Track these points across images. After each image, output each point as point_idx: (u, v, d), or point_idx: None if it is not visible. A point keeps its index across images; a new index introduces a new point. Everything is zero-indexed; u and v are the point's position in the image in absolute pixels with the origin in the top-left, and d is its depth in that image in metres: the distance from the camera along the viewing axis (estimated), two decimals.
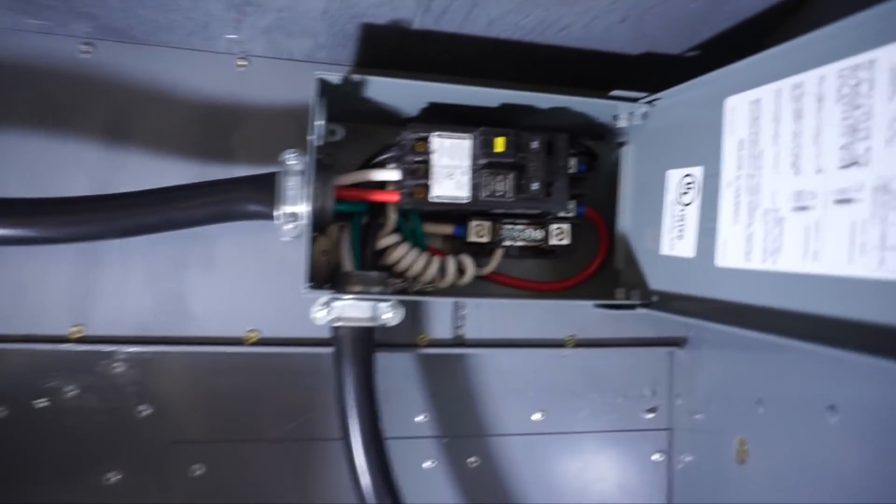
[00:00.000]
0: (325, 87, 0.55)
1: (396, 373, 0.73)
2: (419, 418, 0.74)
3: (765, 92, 0.46)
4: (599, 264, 0.71)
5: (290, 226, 0.57)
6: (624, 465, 0.81)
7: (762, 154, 0.46)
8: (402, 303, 0.59)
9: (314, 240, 0.64)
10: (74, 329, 0.63)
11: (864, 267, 0.38)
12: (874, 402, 0.49)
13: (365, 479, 0.59)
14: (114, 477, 0.66)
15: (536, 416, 0.78)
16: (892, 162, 0.36)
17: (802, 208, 0.42)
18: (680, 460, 0.81)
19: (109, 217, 0.55)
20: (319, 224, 0.58)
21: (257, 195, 0.58)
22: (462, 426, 0.75)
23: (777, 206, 0.45)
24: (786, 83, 0.44)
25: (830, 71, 0.40)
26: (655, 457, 0.82)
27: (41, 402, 0.65)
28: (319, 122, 0.50)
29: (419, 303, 0.70)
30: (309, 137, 0.53)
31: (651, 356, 0.80)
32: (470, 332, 0.72)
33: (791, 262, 0.43)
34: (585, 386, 0.79)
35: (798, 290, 0.43)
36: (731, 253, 0.49)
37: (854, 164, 0.39)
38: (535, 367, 0.77)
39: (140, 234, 0.57)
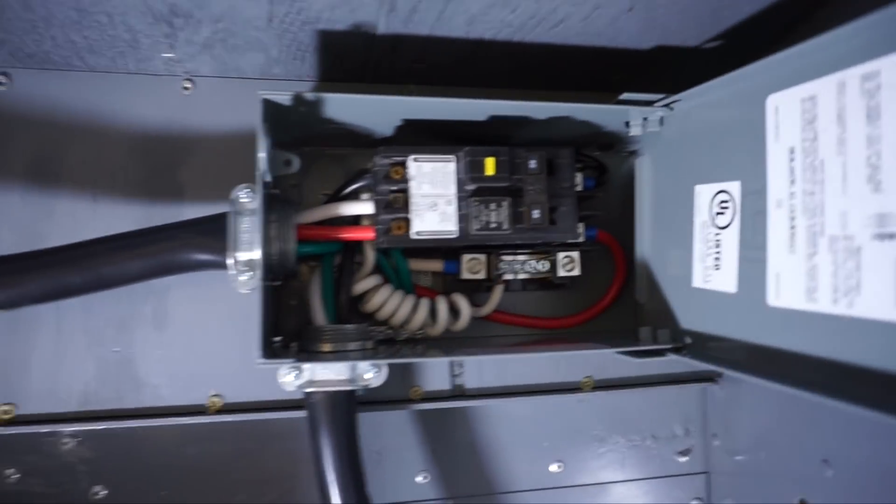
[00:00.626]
0: (273, 110, 0.45)
1: (389, 431, 0.63)
2: (419, 479, 0.65)
3: (822, 86, 0.36)
4: (616, 295, 0.61)
5: (246, 276, 0.48)
6: None
7: (824, 165, 0.36)
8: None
9: (278, 289, 0.55)
10: (4, 408, 0.54)
11: None
12: None
13: None
14: None
15: (554, 468, 0.68)
16: None
17: (888, 236, 0.32)
18: None
19: (19, 281, 0.45)
20: (281, 271, 0.49)
21: (205, 241, 0.48)
22: (469, 485, 0.66)
23: (850, 232, 0.34)
24: (853, 73, 0.34)
25: None
26: None
27: None
28: (262, 155, 0.41)
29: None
30: (257, 172, 0.44)
31: (682, 392, 0.70)
32: (470, 382, 0.62)
33: (875, 305, 0.33)
34: (608, 429, 0.69)
35: (884, 343, 0.33)
36: (788, 290, 0.39)
37: None
38: (548, 414, 0.67)
39: (63, 298, 0.47)
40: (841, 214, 0.35)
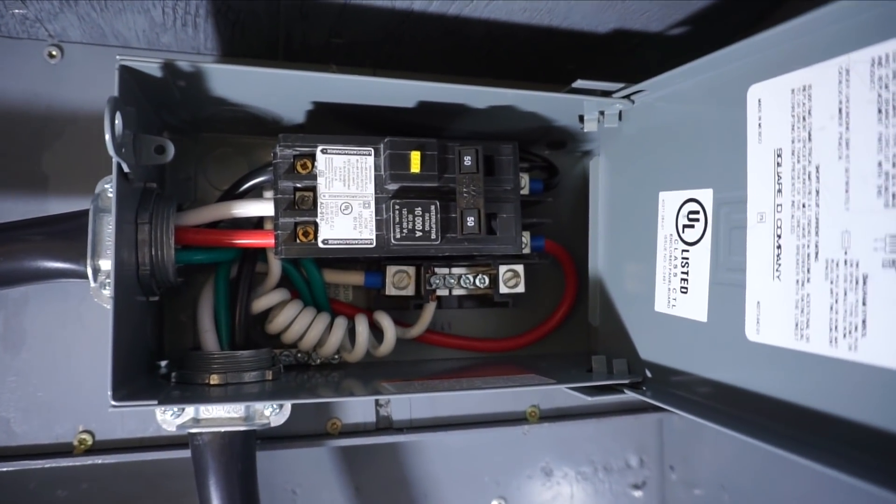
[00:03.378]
0: (143, 83, 0.36)
1: (305, 468, 0.55)
2: None
3: (820, 73, 0.29)
4: (565, 314, 0.53)
5: (111, 289, 0.38)
6: None
7: (820, 171, 0.29)
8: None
9: (159, 305, 0.45)
10: None
11: None
12: None
13: None
14: None
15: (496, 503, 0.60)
16: None
17: None
18: None
19: None
20: (158, 283, 0.39)
21: (60, 244, 0.39)
22: None
23: (854, 255, 0.27)
24: (859, 57, 0.27)
25: None
26: None
27: None
28: (108, 136, 0.31)
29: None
30: (112, 159, 0.34)
31: (637, 422, 0.63)
32: (398, 413, 0.53)
33: (884, 350, 0.26)
34: (555, 461, 0.62)
35: (894, 397, 0.26)
36: (772, 324, 0.32)
37: None
38: (489, 447, 0.60)
39: None
40: (842, 234, 0.28)
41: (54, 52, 0.47)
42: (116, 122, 0.33)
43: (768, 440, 0.30)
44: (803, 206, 0.30)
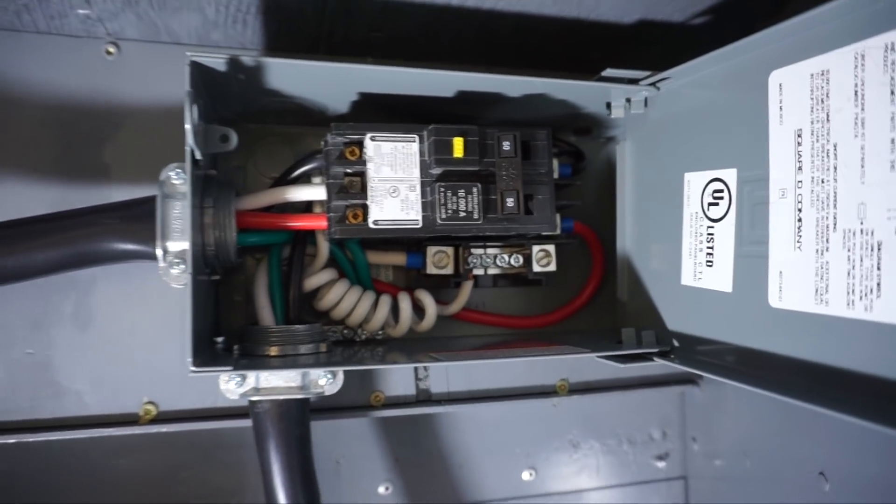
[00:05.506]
0: (207, 77, 0.39)
1: (349, 439, 0.59)
2: (382, 489, 0.60)
3: (837, 59, 0.32)
4: (594, 291, 0.56)
5: (178, 269, 0.41)
6: None
7: (837, 150, 0.32)
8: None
9: (217, 284, 0.48)
10: None
11: None
12: None
13: None
14: None
15: (526, 475, 0.65)
16: None
17: None
18: None
19: None
20: (220, 263, 0.43)
21: (130, 228, 0.42)
22: (435, 495, 0.62)
23: (869, 225, 0.30)
24: (874, 43, 0.30)
25: None
26: None
27: None
28: (188, 126, 0.34)
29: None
30: (186, 148, 0.37)
31: (660, 395, 0.66)
32: (437, 386, 0.57)
33: None
34: (583, 434, 0.66)
35: None
36: (794, 291, 0.34)
37: None
38: (520, 419, 0.63)
39: None
40: (858, 206, 0.31)
41: (111, 49, 0.50)
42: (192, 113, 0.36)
43: (790, 394, 0.33)
44: (822, 181, 0.33)
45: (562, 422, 0.64)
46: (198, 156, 0.38)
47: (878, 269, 0.30)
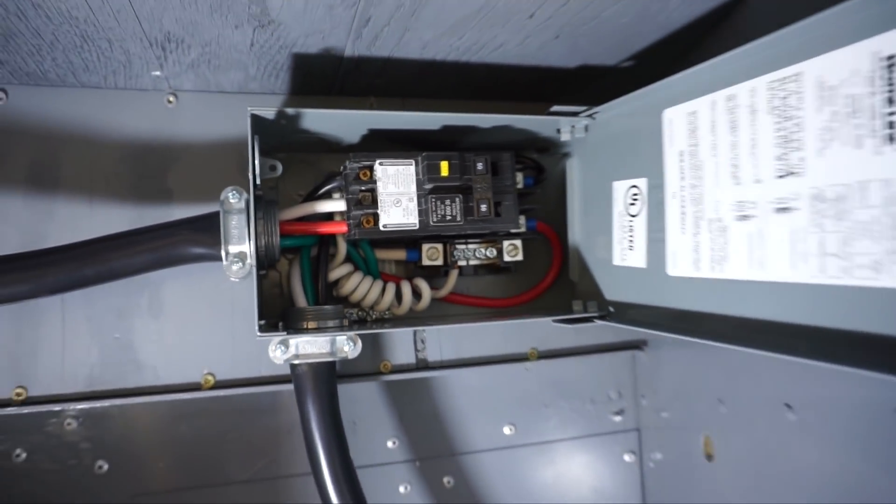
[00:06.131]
0: (259, 123, 0.53)
1: (362, 402, 0.72)
2: (390, 444, 0.73)
3: (701, 104, 0.47)
4: (554, 277, 0.71)
5: (237, 266, 0.55)
6: (597, 467, 0.82)
7: (703, 165, 0.47)
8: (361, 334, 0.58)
9: (261, 278, 0.63)
10: (17, 391, 0.60)
11: (806, 273, 0.39)
12: (828, 400, 0.50)
13: None
14: None
15: (507, 430, 0.78)
16: (825, 171, 0.37)
17: (744, 217, 0.43)
18: (650, 458, 0.82)
19: (41, 275, 0.52)
20: (266, 262, 0.57)
21: (199, 237, 0.56)
22: (433, 447, 0.75)
23: (720, 215, 0.45)
24: (720, 95, 0.45)
25: (761, 83, 0.41)
26: (627, 457, 0.83)
27: None
28: (256, 160, 0.49)
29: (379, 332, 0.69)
30: (251, 174, 0.52)
31: (614, 360, 0.81)
32: (432, 355, 0.71)
33: (737, 269, 0.44)
34: (552, 395, 0.79)
35: (746, 297, 0.44)
36: (681, 262, 0.49)
37: (790, 174, 0.39)
38: (500, 383, 0.77)
39: (77, 289, 0.54)
40: (715, 203, 0.46)
41: (171, 99, 0.65)
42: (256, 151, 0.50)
43: (681, 333, 0.48)
44: (694, 186, 0.48)
45: (534, 384, 0.79)
46: (257, 181, 0.52)
47: (726, 244, 0.45)
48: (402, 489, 0.73)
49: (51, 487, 0.63)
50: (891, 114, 0.33)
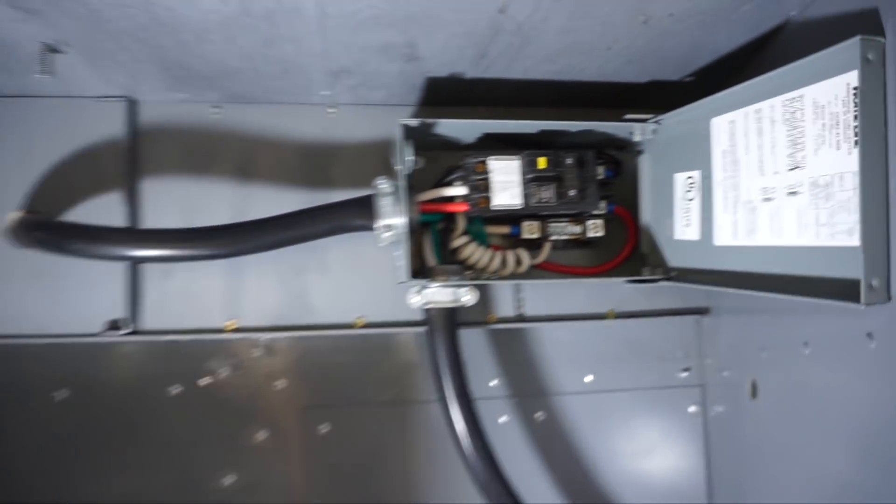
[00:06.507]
0: (405, 129, 0.73)
1: (471, 346, 0.90)
2: (493, 383, 0.91)
3: (738, 115, 0.62)
4: (629, 251, 0.87)
5: (387, 234, 0.76)
6: (664, 416, 0.96)
7: (739, 161, 0.62)
8: (476, 288, 0.77)
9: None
10: (229, 322, 0.84)
11: (807, 239, 0.54)
12: (841, 334, 0.64)
13: (461, 432, 0.76)
14: (262, 435, 0.87)
15: (588, 378, 0.94)
16: (818, 166, 0.52)
17: (768, 199, 0.58)
18: (713, 410, 0.95)
19: (257, 237, 0.75)
20: (411, 232, 0.77)
21: (361, 213, 0.76)
22: (527, 388, 0.92)
23: (751, 198, 0.60)
24: (751, 109, 0.60)
25: (777, 101, 0.56)
26: (691, 409, 0.96)
27: (205, 381, 0.86)
28: (410, 157, 0.69)
29: (488, 288, 0.88)
30: (397, 167, 0.72)
31: (681, 324, 0.95)
32: (529, 311, 0.89)
33: (763, 238, 0.59)
34: (627, 352, 0.95)
35: (769, 257, 0.59)
36: (724, 234, 0.65)
37: (797, 167, 0.55)
38: (583, 337, 0.93)
39: (278, 248, 0.76)
40: (748, 189, 0.61)
41: (331, 110, 0.86)
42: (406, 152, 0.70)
43: (732, 286, 0.63)
44: (733, 177, 0.63)
45: (611, 340, 0.94)
46: (406, 172, 0.72)
47: (755, 220, 0.60)
48: (502, 419, 0.92)
49: (243, 397, 0.87)
50: (856, 126, 0.48)
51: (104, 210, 0.81)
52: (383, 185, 0.76)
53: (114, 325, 0.81)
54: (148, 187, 0.83)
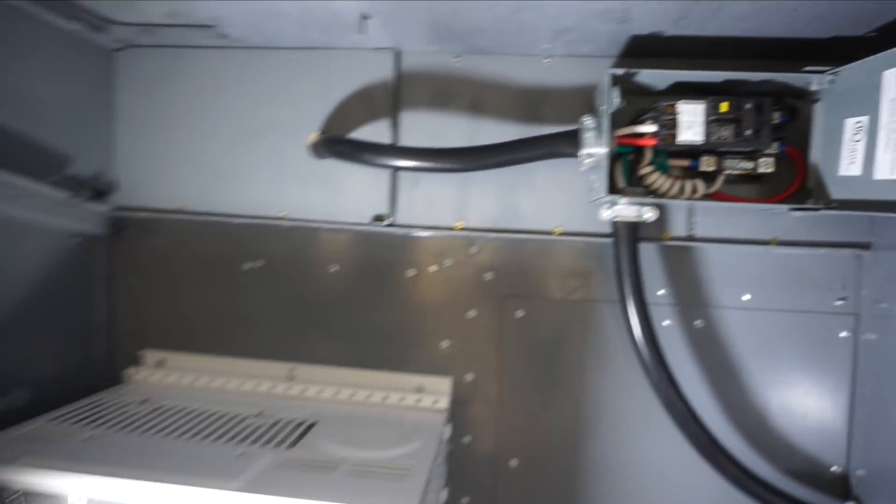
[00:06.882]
0: (612, 78, 0.93)
1: (646, 259, 1.10)
2: (660, 292, 1.10)
3: None
4: (797, 187, 1.00)
5: (588, 161, 0.97)
6: (815, 339, 1.07)
7: None
8: (656, 207, 0.96)
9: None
10: (458, 223, 1.11)
11: None
12: None
13: (637, 331, 0.97)
14: (472, 314, 1.14)
15: (746, 297, 1.09)
16: None
17: None
18: (865, 338, 1.06)
19: (487, 157, 0.99)
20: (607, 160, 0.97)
21: (569, 143, 0.98)
22: (690, 298, 1.10)
23: None
24: None
25: None
26: (843, 334, 1.08)
27: (433, 268, 1.15)
28: (616, 100, 0.89)
29: (665, 210, 1.06)
30: (602, 107, 0.92)
31: (841, 256, 1.06)
32: (699, 232, 1.06)
33: None
34: (785, 277, 1.08)
35: None
36: (883, 170, 0.78)
37: None
38: (746, 261, 1.08)
39: (501, 167, 1.01)
40: None
41: (546, 60, 1.07)
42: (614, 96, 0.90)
43: (885, 211, 0.77)
44: (895, 121, 0.76)
45: (772, 266, 1.08)
46: (609, 112, 0.92)
47: None
48: (665, 323, 1.11)
49: (459, 283, 1.14)
50: None
51: (375, 134, 1.10)
52: (588, 121, 0.97)
53: (378, 218, 1.12)
54: (405, 117, 1.11)
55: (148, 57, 1.16)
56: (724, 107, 0.91)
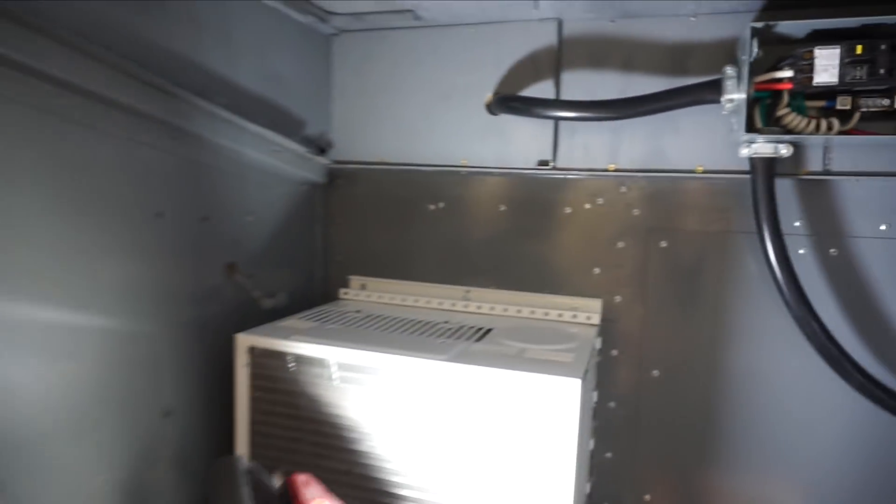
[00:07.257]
0: (753, 30, 1.07)
1: (783, 193, 1.22)
2: (796, 223, 1.22)
3: None
4: None
5: (729, 105, 1.12)
6: None
7: None
8: (791, 144, 1.10)
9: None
10: (610, 165, 1.30)
11: None
12: None
13: (772, 256, 1.12)
14: (621, 244, 1.34)
15: (883, 227, 1.19)
16: None
17: None
18: None
19: (638, 106, 1.18)
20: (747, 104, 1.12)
21: (712, 90, 1.14)
22: (825, 228, 1.21)
23: None
24: None
25: None
26: None
27: (587, 206, 1.35)
28: (755, 49, 1.04)
29: (801, 148, 1.19)
30: (742, 57, 1.07)
31: None
32: (835, 166, 1.18)
33: None
34: None
35: None
36: None
37: None
38: (883, 193, 1.17)
39: (651, 114, 1.19)
40: None
41: (692, 19, 1.23)
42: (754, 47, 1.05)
43: None
44: None
45: None
46: (750, 60, 1.07)
47: None
48: (801, 251, 1.23)
49: (610, 218, 1.33)
50: None
51: (540, 92, 1.32)
52: (730, 70, 1.12)
53: (542, 163, 1.34)
54: (566, 76, 1.32)
55: (357, 40, 1.46)
56: (858, 49, 1.02)
